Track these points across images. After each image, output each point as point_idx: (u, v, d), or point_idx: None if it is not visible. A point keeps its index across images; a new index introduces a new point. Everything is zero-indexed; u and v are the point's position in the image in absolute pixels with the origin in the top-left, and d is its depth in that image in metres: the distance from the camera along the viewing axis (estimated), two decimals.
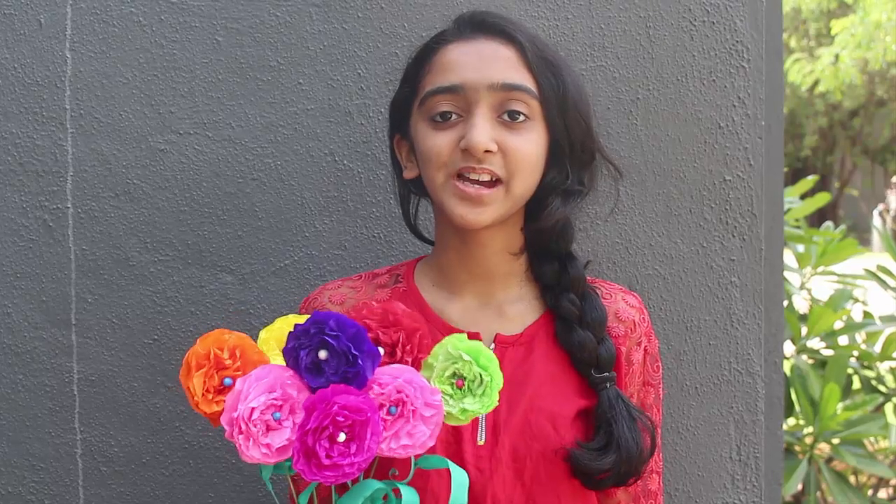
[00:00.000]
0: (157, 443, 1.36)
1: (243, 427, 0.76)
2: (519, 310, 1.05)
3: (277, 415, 0.77)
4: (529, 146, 0.96)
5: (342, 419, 0.74)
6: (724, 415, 1.43)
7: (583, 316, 1.02)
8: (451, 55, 0.98)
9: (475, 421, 0.98)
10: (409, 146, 1.04)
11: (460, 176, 0.95)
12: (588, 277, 1.06)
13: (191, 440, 1.36)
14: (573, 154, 1.00)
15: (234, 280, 1.35)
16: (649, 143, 1.40)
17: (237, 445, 0.76)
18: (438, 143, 0.96)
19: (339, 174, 1.36)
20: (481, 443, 0.98)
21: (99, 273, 1.34)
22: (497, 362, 0.82)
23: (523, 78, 0.96)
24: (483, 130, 0.93)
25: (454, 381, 0.82)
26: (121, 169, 1.33)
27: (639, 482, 1.06)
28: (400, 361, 0.82)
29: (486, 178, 0.95)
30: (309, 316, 0.79)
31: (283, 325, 0.85)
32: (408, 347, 0.82)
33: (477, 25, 0.99)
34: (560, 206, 1.00)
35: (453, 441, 0.97)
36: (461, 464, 0.96)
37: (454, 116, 0.96)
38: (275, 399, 0.77)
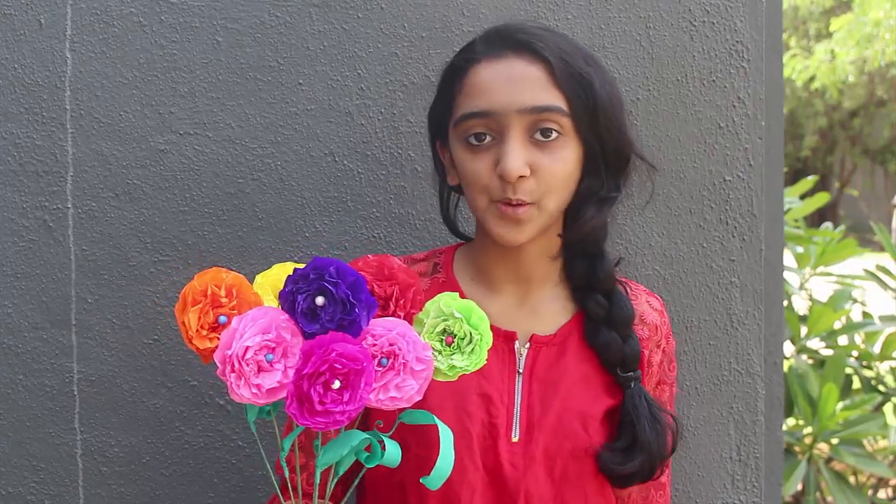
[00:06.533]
0: (157, 443, 1.36)
1: (236, 365, 0.76)
2: (553, 310, 1.07)
3: (270, 356, 0.76)
4: (561, 164, 0.97)
5: (339, 366, 0.74)
6: (724, 415, 1.43)
7: (609, 316, 1.05)
8: (482, 76, 0.98)
9: (510, 418, 1.00)
10: (451, 154, 1.05)
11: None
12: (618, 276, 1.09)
13: (191, 440, 1.36)
14: (607, 162, 1.01)
15: None
16: (649, 144, 1.40)
17: (228, 383, 0.76)
18: (476, 168, 0.97)
19: (339, 174, 1.36)
20: (515, 440, 1.00)
21: (99, 273, 1.34)
22: (488, 322, 0.83)
23: (553, 97, 0.96)
24: (516, 157, 0.94)
25: (444, 337, 0.82)
26: (121, 169, 1.33)
27: None
28: (393, 315, 0.82)
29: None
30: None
31: (279, 272, 0.85)
32: (401, 302, 0.83)
33: (505, 42, 0.99)
34: (594, 215, 1.02)
35: (488, 436, 0.99)
36: (496, 459, 0.99)
37: (488, 139, 0.97)
38: (269, 340, 0.77)
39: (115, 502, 1.36)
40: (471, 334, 0.82)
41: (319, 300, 0.77)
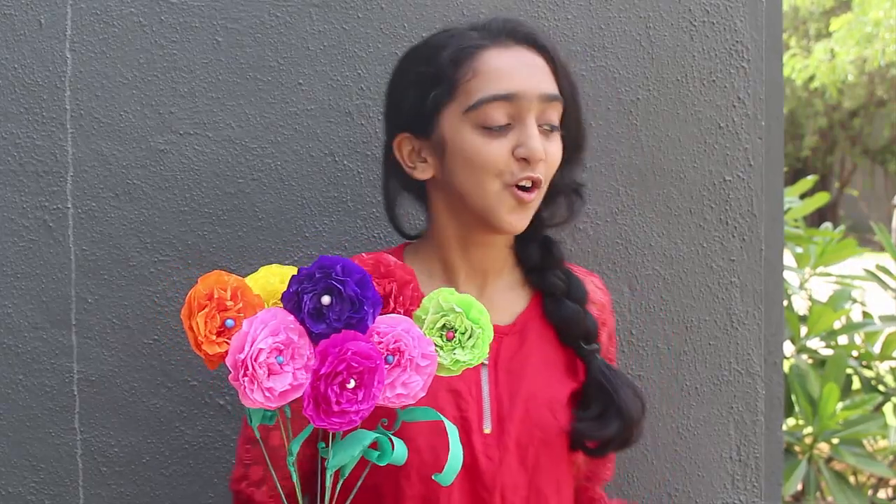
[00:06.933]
0: (157, 443, 1.36)
1: (249, 369, 0.75)
2: (509, 299, 1.09)
3: (281, 359, 0.76)
4: (559, 151, 1.02)
5: (355, 365, 0.74)
6: (724, 415, 1.43)
7: (569, 290, 1.07)
8: (499, 61, 0.98)
9: (480, 411, 1.01)
10: (422, 146, 1.04)
11: (517, 185, 0.98)
12: None
13: (191, 440, 1.36)
14: (579, 153, 1.07)
15: None
16: (649, 144, 1.40)
17: (240, 388, 0.75)
18: (494, 151, 0.97)
19: (339, 174, 1.36)
20: (488, 431, 1.01)
21: (99, 273, 1.34)
22: (488, 315, 0.84)
23: (555, 88, 1.01)
24: (538, 140, 0.97)
25: (444, 332, 0.83)
26: (121, 169, 1.33)
27: None
28: (393, 312, 0.82)
29: (529, 184, 0.98)
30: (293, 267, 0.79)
31: (266, 274, 0.84)
32: (400, 299, 0.83)
33: (509, 33, 1.01)
34: (581, 202, 1.08)
35: (461, 430, 1.00)
36: (471, 452, 0.99)
37: (505, 123, 0.98)
38: (279, 343, 0.76)
39: (115, 502, 1.36)
40: (472, 328, 0.83)
41: (325, 299, 0.77)
